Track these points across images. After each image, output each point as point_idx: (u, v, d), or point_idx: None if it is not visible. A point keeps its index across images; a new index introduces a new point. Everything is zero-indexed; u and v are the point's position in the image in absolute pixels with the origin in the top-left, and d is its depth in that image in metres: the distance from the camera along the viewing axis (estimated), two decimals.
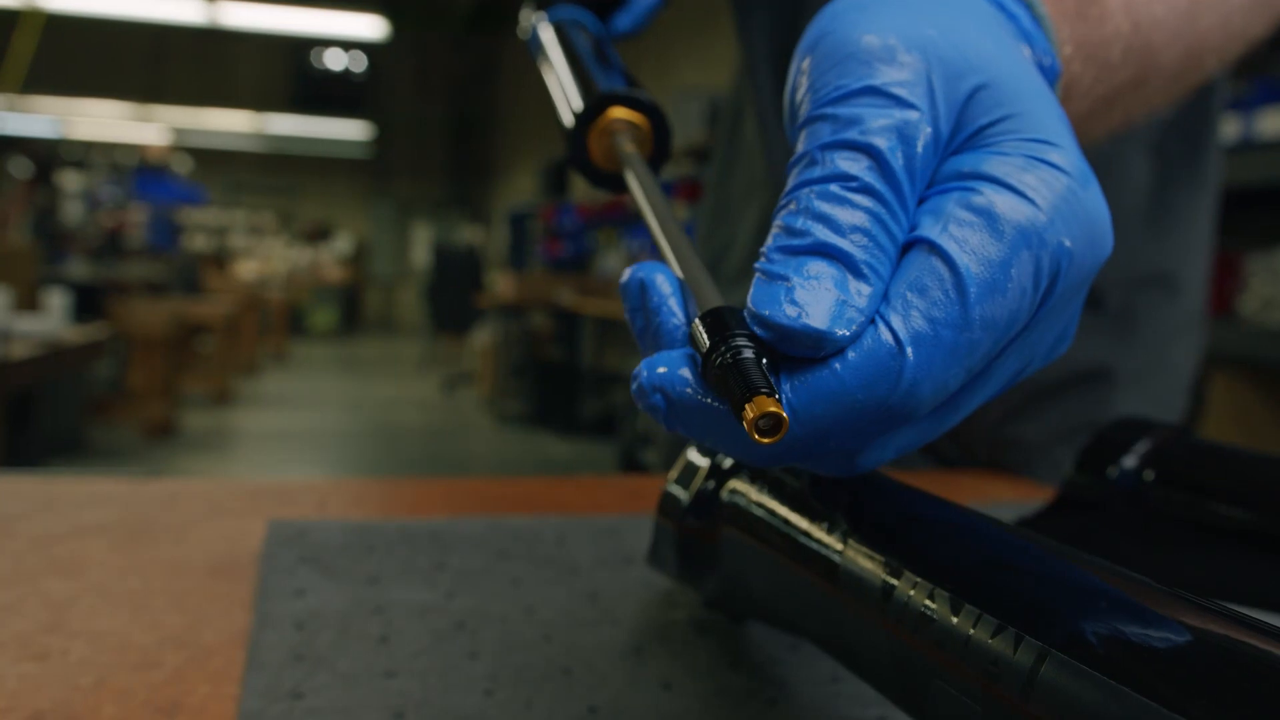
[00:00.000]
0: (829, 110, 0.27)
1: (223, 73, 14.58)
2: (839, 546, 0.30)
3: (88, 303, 4.60)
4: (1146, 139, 0.76)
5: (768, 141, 0.84)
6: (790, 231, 0.26)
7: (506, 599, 0.44)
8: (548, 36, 0.52)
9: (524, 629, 0.41)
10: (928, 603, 0.26)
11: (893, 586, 0.27)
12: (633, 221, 7.40)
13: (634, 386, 0.27)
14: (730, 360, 0.24)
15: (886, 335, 0.25)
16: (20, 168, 6.29)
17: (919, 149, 0.27)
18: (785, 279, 0.25)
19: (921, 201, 0.27)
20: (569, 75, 0.44)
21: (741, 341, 0.25)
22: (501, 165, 14.50)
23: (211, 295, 7.28)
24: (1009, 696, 0.23)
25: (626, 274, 0.29)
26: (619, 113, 0.39)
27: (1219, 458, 0.45)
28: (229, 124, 14.72)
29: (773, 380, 0.24)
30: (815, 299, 0.25)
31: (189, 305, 5.93)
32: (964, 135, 0.28)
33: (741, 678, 0.37)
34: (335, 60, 14.91)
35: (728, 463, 0.38)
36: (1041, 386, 0.79)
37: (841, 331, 0.25)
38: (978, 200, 0.26)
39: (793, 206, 0.27)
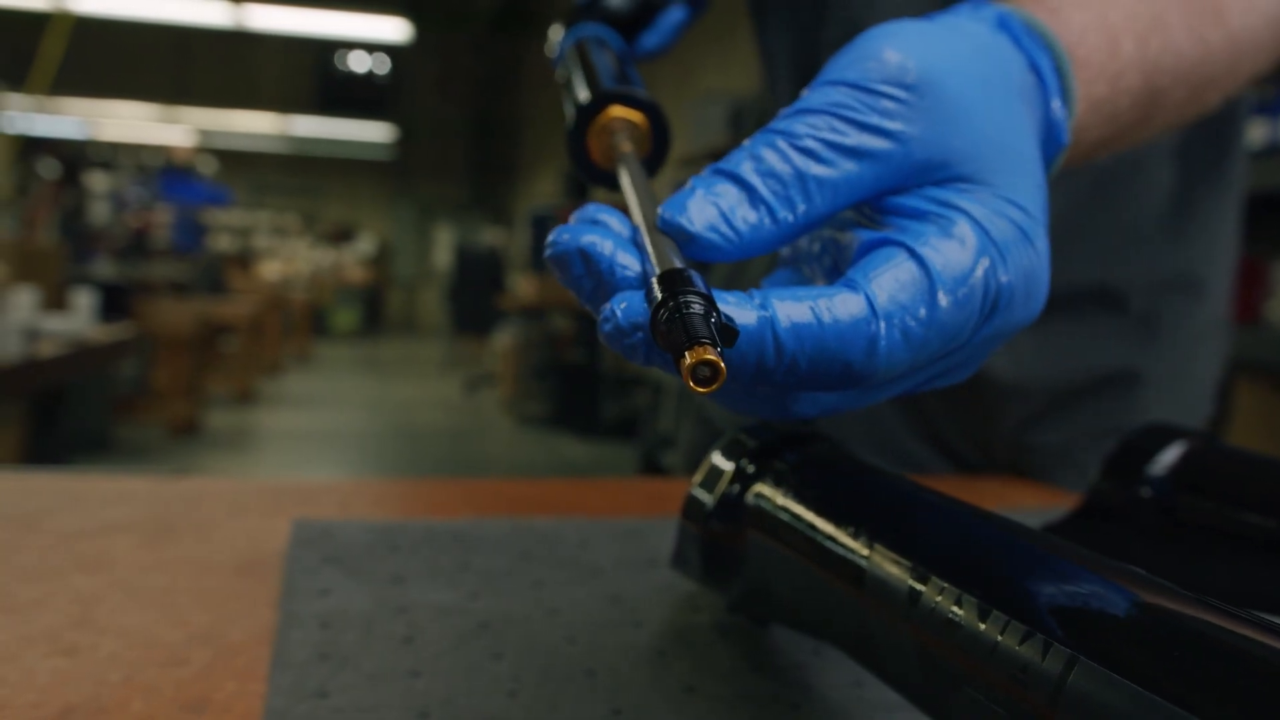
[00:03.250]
0: (822, 83, 0.31)
1: (247, 74, 14.68)
2: (865, 551, 0.29)
3: (114, 302, 4.64)
4: (1170, 144, 0.76)
5: None
6: (727, 158, 0.30)
7: (530, 600, 0.44)
8: (570, 52, 0.53)
9: (547, 631, 0.41)
10: (955, 608, 0.26)
11: (919, 592, 0.27)
12: None
13: (608, 329, 0.28)
14: (676, 313, 0.26)
15: (863, 306, 0.28)
16: (48, 169, 6.35)
17: (877, 152, 0.30)
18: (693, 189, 0.30)
19: (885, 213, 0.31)
20: (579, 80, 0.45)
21: (691, 298, 0.26)
22: (523, 167, 14.53)
23: (236, 295, 7.33)
24: (1037, 703, 0.23)
25: (557, 243, 0.30)
26: (618, 111, 0.40)
27: (1245, 464, 0.45)
28: (253, 125, 14.82)
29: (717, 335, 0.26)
30: (701, 208, 0.30)
31: (213, 305, 5.97)
32: (945, 174, 0.31)
33: (765, 682, 0.37)
34: (359, 62, 14.98)
35: (752, 467, 0.38)
36: (1066, 391, 0.78)
37: (709, 236, 0.29)
38: (953, 228, 0.30)
39: (745, 143, 0.31)
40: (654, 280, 0.27)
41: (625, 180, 0.36)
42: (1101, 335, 0.77)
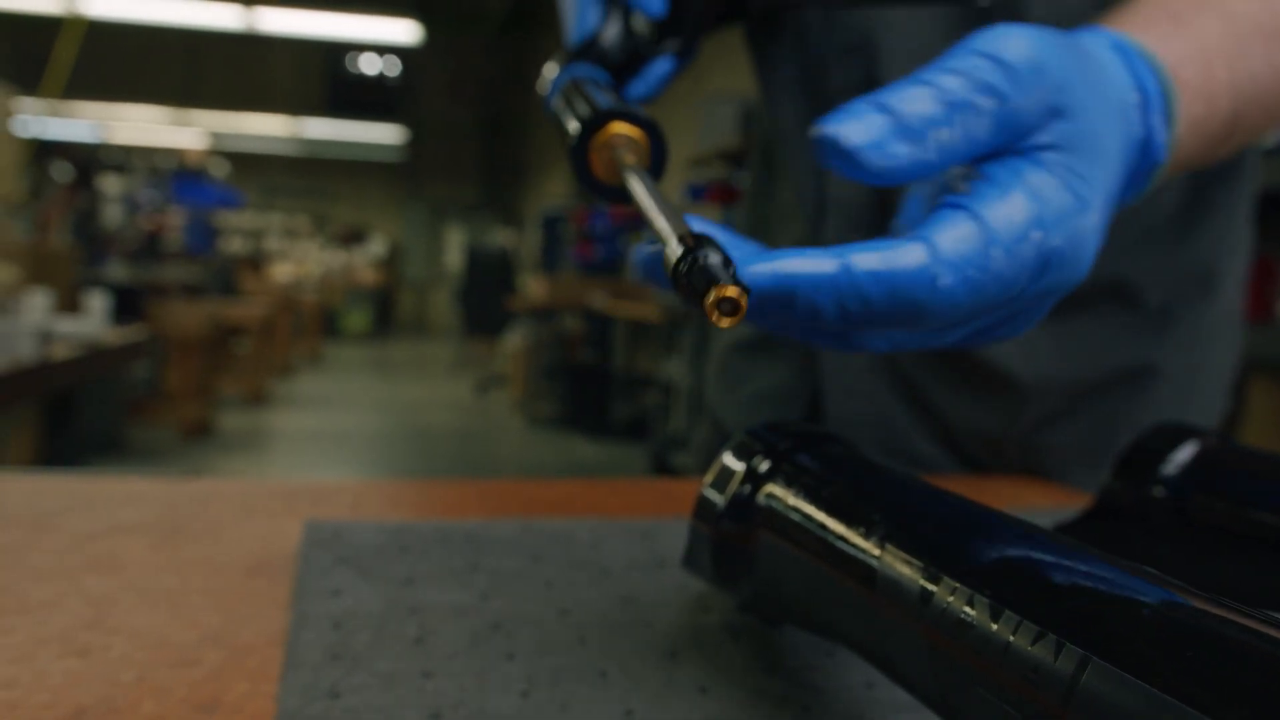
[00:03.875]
0: (960, 51, 0.35)
1: (258, 77, 14.74)
2: (876, 551, 0.29)
3: (127, 304, 4.67)
4: None
5: (795, 171, 0.84)
6: (913, 78, 0.34)
7: (541, 601, 0.44)
8: (566, 86, 0.54)
9: (559, 631, 0.41)
10: (967, 609, 0.26)
11: (931, 592, 0.27)
12: None
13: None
14: (694, 264, 0.30)
15: (927, 254, 0.33)
16: (62, 172, 6.38)
17: (1011, 109, 0.34)
18: (848, 113, 0.34)
19: (972, 178, 0.36)
20: (579, 103, 0.47)
21: (708, 250, 0.30)
22: (534, 168, 14.54)
23: (247, 297, 7.35)
24: (1049, 704, 0.22)
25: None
26: (619, 127, 0.43)
27: (1258, 464, 0.45)
28: (265, 128, 14.87)
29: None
30: (858, 129, 0.33)
31: (225, 307, 5.99)
32: (1029, 144, 0.35)
33: (776, 683, 0.37)
34: (369, 64, 15.02)
35: (763, 467, 0.37)
36: (1083, 388, 0.78)
37: (866, 154, 0.33)
38: (1018, 194, 0.34)
39: (889, 86, 0.34)
40: (674, 240, 0.31)
41: (635, 182, 0.38)
42: (1117, 331, 0.77)
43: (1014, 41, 0.35)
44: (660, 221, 0.33)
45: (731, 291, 0.29)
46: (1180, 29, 0.44)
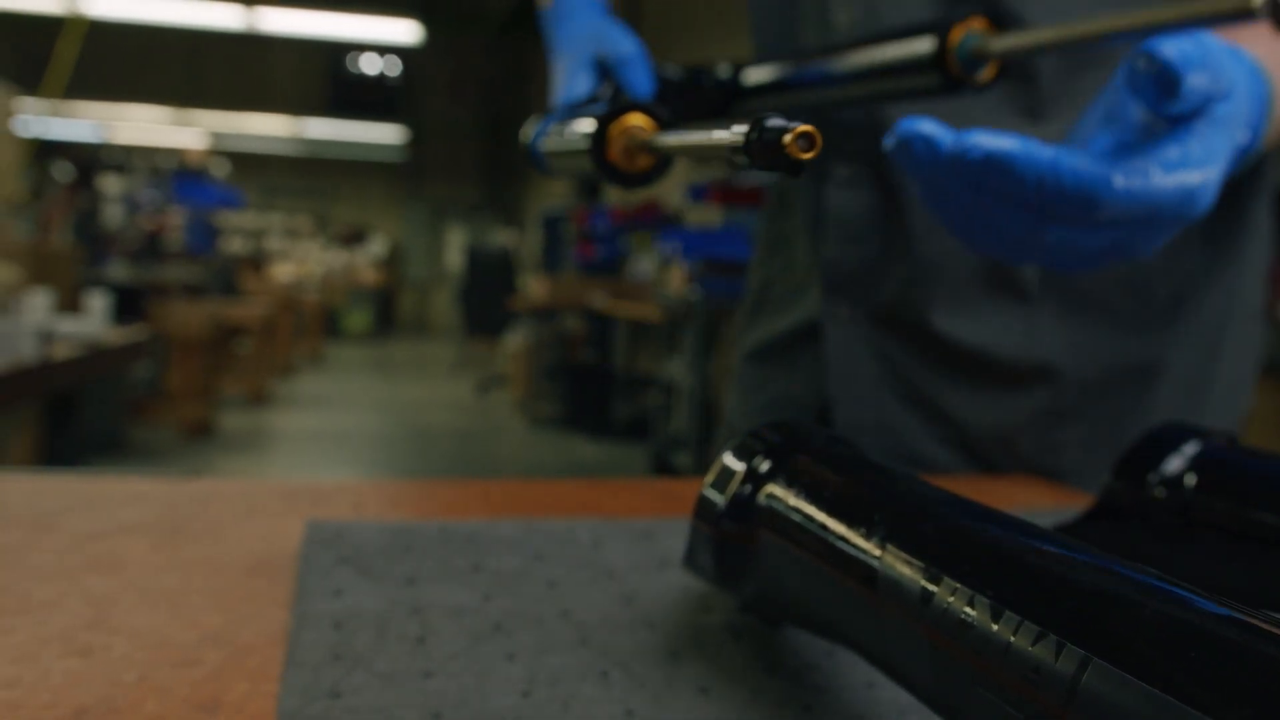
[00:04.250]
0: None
1: (259, 77, 14.74)
2: (877, 551, 0.29)
3: (128, 304, 4.67)
4: None
5: (803, 194, 0.87)
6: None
7: (543, 601, 0.44)
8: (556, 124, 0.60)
9: (561, 631, 0.41)
10: (967, 609, 0.26)
11: (932, 592, 0.27)
12: (665, 225, 7.40)
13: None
14: (762, 125, 0.33)
15: (1100, 163, 0.47)
16: (62, 172, 6.38)
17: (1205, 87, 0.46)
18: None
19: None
20: (584, 111, 0.52)
21: (766, 116, 0.34)
22: (534, 169, 14.53)
23: (248, 297, 7.35)
24: (1050, 705, 0.22)
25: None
26: (634, 118, 0.47)
27: (1261, 464, 0.45)
28: (266, 128, 14.87)
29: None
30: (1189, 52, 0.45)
31: (226, 307, 5.99)
32: (1206, 110, 0.47)
33: (777, 683, 0.37)
34: (370, 64, 15.02)
35: (764, 467, 0.37)
36: (1094, 381, 0.78)
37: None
38: (1185, 141, 0.47)
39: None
40: (733, 128, 0.35)
41: (672, 136, 0.43)
42: (1128, 323, 0.77)
43: (1210, 40, 0.47)
44: (714, 133, 0.37)
45: (805, 129, 0.32)
46: (1258, 45, 0.54)
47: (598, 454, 5.65)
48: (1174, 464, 0.45)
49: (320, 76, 14.92)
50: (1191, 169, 0.46)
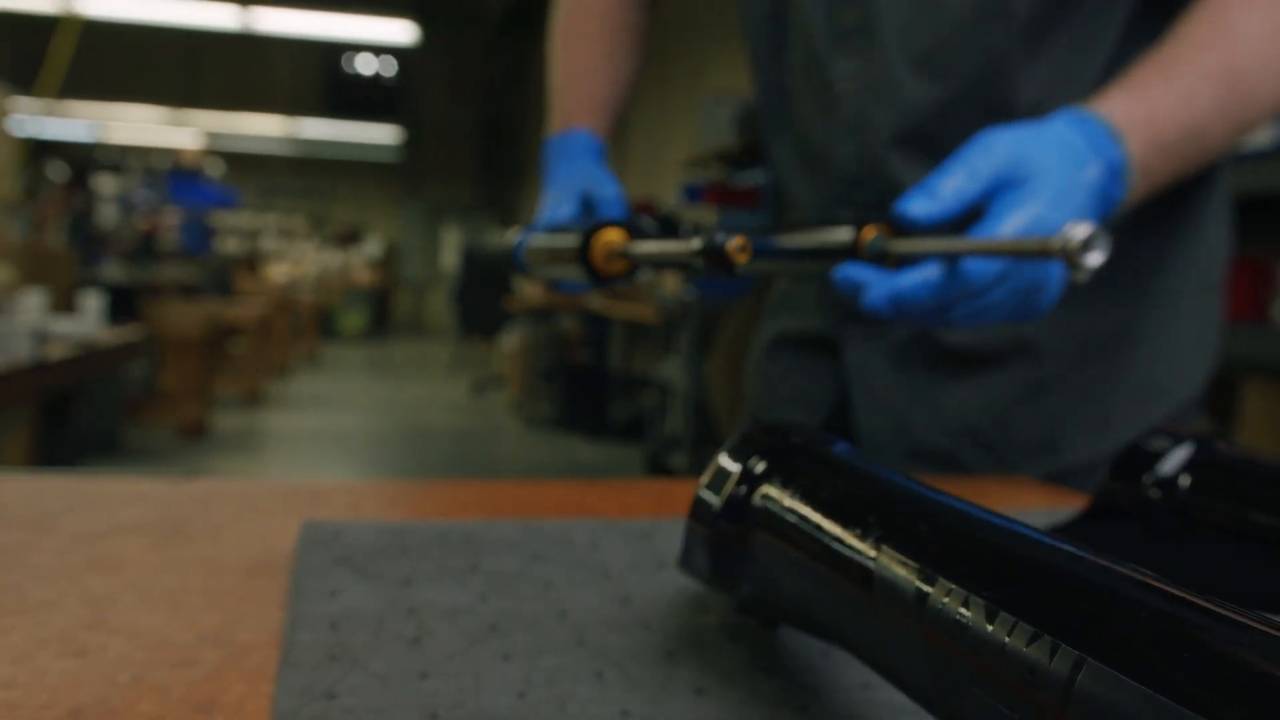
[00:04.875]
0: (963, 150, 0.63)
1: (256, 77, 14.72)
2: (872, 552, 0.30)
3: (123, 305, 4.66)
4: None
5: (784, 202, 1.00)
6: (925, 182, 0.62)
7: (539, 602, 0.44)
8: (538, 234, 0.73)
9: (557, 632, 0.41)
10: (962, 610, 0.26)
11: (927, 593, 0.27)
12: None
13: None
14: (711, 240, 0.49)
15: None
16: (57, 172, 6.37)
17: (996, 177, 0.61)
18: (914, 195, 0.61)
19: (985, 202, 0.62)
20: (568, 228, 0.65)
21: (713, 233, 0.50)
22: (532, 169, 14.53)
23: (244, 298, 7.34)
24: (1046, 705, 0.23)
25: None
26: (610, 235, 0.59)
27: (1255, 465, 0.45)
28: (262, 128, 14.85)
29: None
30: (917, 206, 0.61)
31: (222, 307, 5.99)
32: (1015, 189, 0.61)
33: (773, 683, 0.37)
34: (366, 65, 15.01)
35: (760, 468, 0.38)
36: (1069, 353, 0.84)
37: (917, 213, 0.61)
38: (1010, 216, 0.60)
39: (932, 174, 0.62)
40: (693, 241, 0.49)
41: (643, 245, 0.56)
42: (1097, 298, 0.82)
43: (998, 141, 0.61)
44: (672, 245, 0.49)
45: (741, 240, 0.48)
46: (1134, 93, 0.65)
47: (594, 454, 5.64)
48: (1169, 465, 0.46)
49: (316, 77, 14.90)
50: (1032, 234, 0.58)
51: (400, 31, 13.02)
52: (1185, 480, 0.45)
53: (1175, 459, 0.46)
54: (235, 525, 0.56)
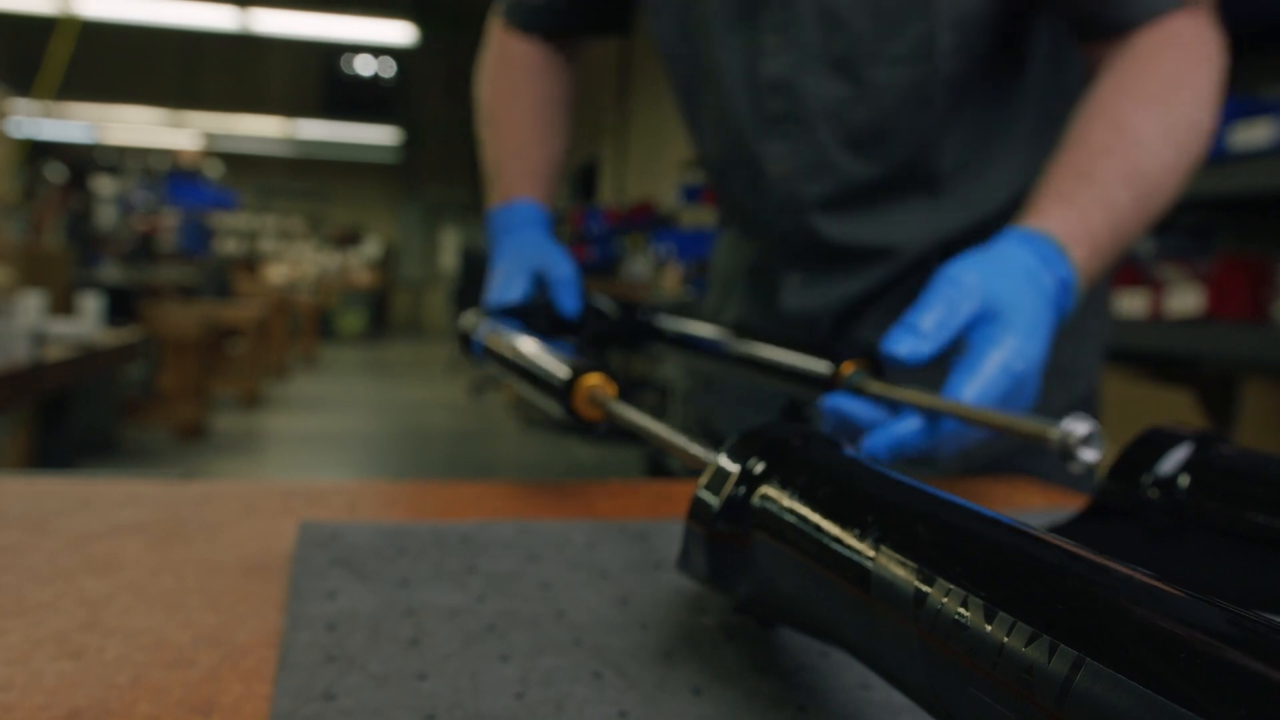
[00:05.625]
0: (938, 286, 0.64)
1: (253, 79, 14.72)
2: (871, 553, 0.29)
3: (121, 306, 4.66)
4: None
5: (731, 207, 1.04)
6: (904, 320, 0.63)
7: (537, 602, 0.44)
8: (502, 334, 0.74)
9: (554, 632, 0.41)
10: (961, 610, 0.26)
11: (925, 593, 0.27)
12: (659, 226, 7.41)
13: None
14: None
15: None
16: (55, 173, 6.37)
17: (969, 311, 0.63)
18: (897, 338, 0.62)
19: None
20: (546, 360, 0.63)
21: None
22: None
23: (242, 299, 7.34)
24: (1043, 705, 0.23)
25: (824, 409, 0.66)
26: (592, 379, 0.58)
27: (1254, 464, 0.45)
28: (260, 129, 14.84)
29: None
30: (900, 344, 0.62)
31: (220, 308, 5.98)
32: (987, 323, 0.63)
33: (771, 684, 0.37)
34: (365, 65, 15.00)
35: (758, 468, 0.38)
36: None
37: (903, 354, 0.62)
38: (992, 351, 0.62)
39: (909, 312, 0.63)
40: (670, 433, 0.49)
41: (632, 413, 0.53)
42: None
43: (966, 274, 0.63)
44: (654, 425, 0.49)
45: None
46: (1066, 206, 0.68)
47: (592, 455, 5.64)
48: (1168, 465, 0.46)
49: (315, 78, 14.91)
50: (1017, 360, 0.61)
51: (398, 32, 13.00)
52: (1184, 480, 0.45)
53: (1174, 459, 0.46)
54: (232, 526, 0.55)
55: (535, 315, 0.85)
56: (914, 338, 0.61)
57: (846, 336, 0.96)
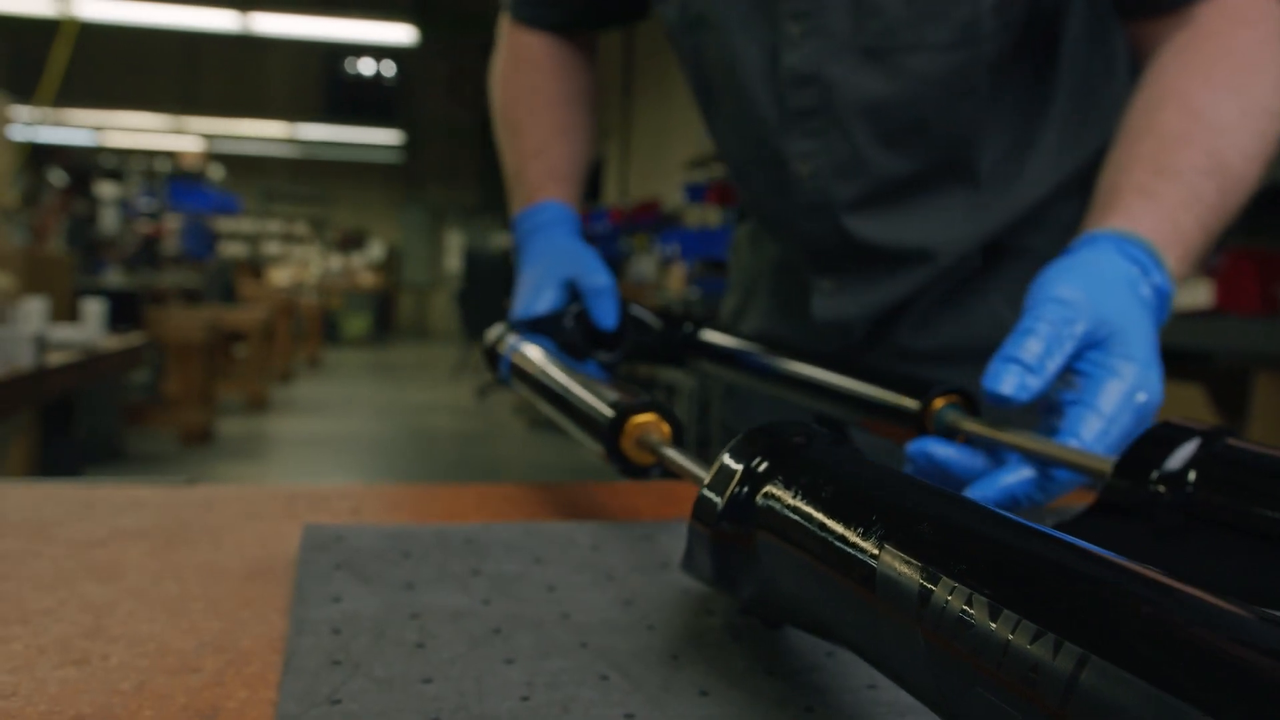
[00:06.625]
0: (1038, 307, 0.56)
1: (255, 81, 14.73)
2: (875, 551, 0.29)
3: (124, 311, 4.65)
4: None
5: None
6: (1006, 348, 0.54)
7: (542, 604, 0.44)
8: (533, 355, 0.67)
9: (560, 634, 0.41)
10: (965, 608, 0.25)
11: (930, 591, 0.27)
12: (664, 226, 7.41)
13: None
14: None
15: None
16: (57, 178, 6.38)
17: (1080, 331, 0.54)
18: (998, 372, 0.53)
19: (1075, 373, 0.55)
20: (586, 390, 0.57)
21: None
22: None
23: (246, 302, 7.35)
24: (1048, 703, 0.22)
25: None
26: (642, 418, 0.52)
27: (1263, 460, 0.44)
28: (262, 131, 14.86)
29: None
30: (1006, 380, 0.53)
31: (224, 312, 5.99)
32: (1098, 347, 0.55)
33: (777, 684, 0.37)
34: (366, 67, 15.01)
35: (762, 467, 0.37)
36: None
37: (1017, 395, 0.52)
38: (1112, 380, 0.54)
39: (1007, 342, 0.54)
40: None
41: (689, 461, 0.47)
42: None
43: (1067, 289, 0.55)
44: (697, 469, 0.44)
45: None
46: (1151, 202, 0.62)
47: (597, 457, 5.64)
48: (1175, 461, 0.45)
49: (316, 79, 14.92)
50: (1141, 390, 0.54)
51: (398, 33, 12.99)
52: (1192, 476, 0.45)
53: (1182, 454, 0.45)
54: (235, 531, 0.55)
55: (568, 328, 0.78)
56: (1021, 371, 0.52)
57: (883, 345, 0.90)
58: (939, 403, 0.58)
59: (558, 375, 0.61)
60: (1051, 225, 0.86)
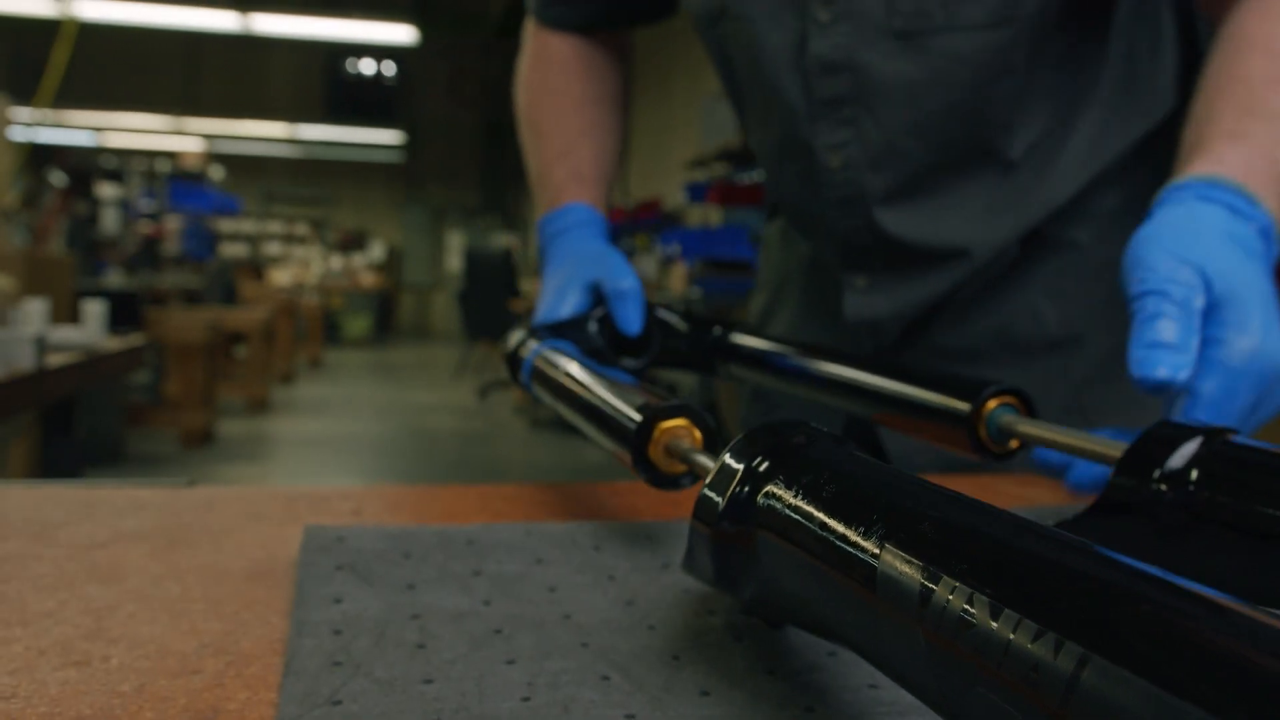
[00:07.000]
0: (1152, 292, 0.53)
1: (255, 82, 14.74)
2: (875, 551, 0.29)
3: (125, 312, 4.66)
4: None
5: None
6: (1140, 329, 0.52)
7: (543, 605, 0.44)
8: (556, 360, 0.64)
9: (561, 635, 0.41)
10: (966, 607, 0.25)
11: (930, 591, 0.27)
12: (665, 225, 7.41)
13: None
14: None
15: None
16: (58, 178, 6.38)
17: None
18: (1147, 358, 0.51)
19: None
20: (611, 394, 0.53)
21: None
22: None
23: (247, 303, 7.35)
24: (1049, 703, 0.22)
25: None
26: (669, 423, 0.48)
27: (1266, 459, 0.44)
28: (262, 132, 14.86)
29: None
30: (1163, 365, 0.50)
31: (225, 313, 5.99)
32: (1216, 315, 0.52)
33: (779, 684, 0.37)
34: (367, 67, 15.02)
35: (763, 467, 0.37)
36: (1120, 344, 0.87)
37: (1175, 377, 0.50)
38: (1242, 336, 0.52)
39: (1139, 318, 0.52)
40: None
41: (707, 462, 0.43)
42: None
43: (1172, 258, 0.52)
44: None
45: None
46: (1241, 143, 0.59)
47: (600, 457, 5.64)
48: (1177, 459, 0.45)
49: (317, 79, 14.92)
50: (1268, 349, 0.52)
51: (399, 33, 12.99)
52: (1194, 474, 0.44)
53: (1184, 453, 0.45)
54: (236, 532, 0.55)
55: (592, 333, 0.75)
56: (1170, 354, 0.50)
57: (917, 343, 0.88)
58: (992, 404, 0.56)
59: (581, 379, 0.59)
60: (1093, 215, 0.83)
